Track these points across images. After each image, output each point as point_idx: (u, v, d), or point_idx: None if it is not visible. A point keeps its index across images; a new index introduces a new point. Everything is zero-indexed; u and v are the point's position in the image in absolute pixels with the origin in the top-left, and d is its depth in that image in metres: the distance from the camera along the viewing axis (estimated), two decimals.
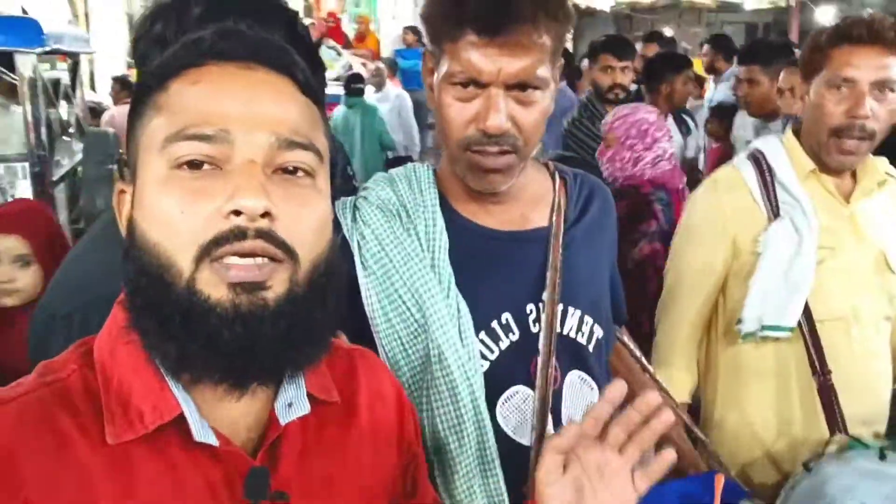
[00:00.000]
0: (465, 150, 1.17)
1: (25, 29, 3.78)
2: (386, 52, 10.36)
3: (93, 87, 7.16)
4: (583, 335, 1.29)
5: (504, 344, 1.23)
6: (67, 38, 4.26)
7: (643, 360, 1.54)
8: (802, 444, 1.75)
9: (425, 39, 1.22)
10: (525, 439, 1.22)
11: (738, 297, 1.75)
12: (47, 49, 3.72)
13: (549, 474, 0.87)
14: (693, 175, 3.76)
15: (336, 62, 8.92)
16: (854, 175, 1.78)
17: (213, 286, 0.71)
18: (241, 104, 0.75)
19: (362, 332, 1.19)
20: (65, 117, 4.33)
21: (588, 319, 1.29)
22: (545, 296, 1.24)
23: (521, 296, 1.25)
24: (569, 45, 13.04)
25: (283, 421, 0.80)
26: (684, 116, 4.37)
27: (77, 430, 0.73)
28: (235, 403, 0.77)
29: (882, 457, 1.51)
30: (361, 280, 1.21)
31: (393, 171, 1.33)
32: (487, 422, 1.19)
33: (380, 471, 0.90)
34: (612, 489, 0.87)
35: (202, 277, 0.71)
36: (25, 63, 3.61)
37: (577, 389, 1.28)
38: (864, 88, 1.62)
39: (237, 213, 0.71)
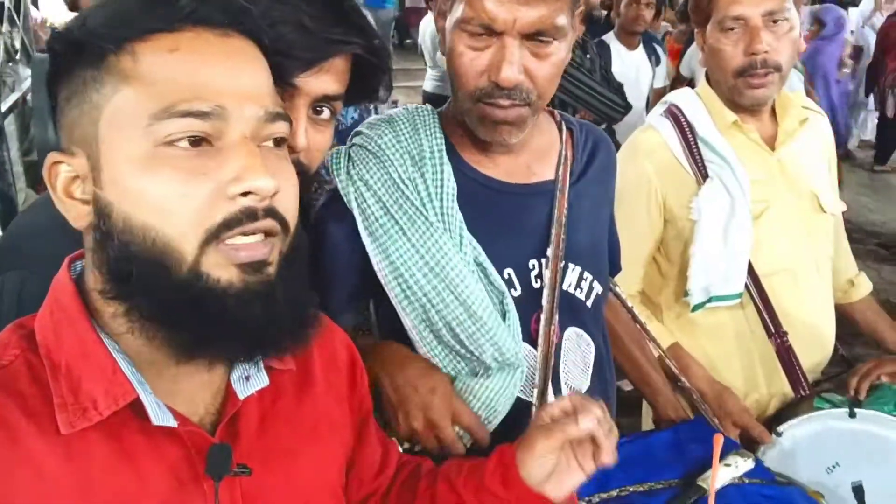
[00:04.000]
0: (477, 101, 1.12)
1: None
2: None
3: (35, 3, 6.60)
4: (581, 291, 1.27)
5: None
6: None
7: (634, 311, 1.53)
8: (769, 400, 1.75)
9: None
10: (527, 395, 1.20)
11: (681, 264, 1.71)
12: None
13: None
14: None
15: None
16: (775, 116, 1.76)
17: (222, 268, 0.69)
18: (228, 77, 0.71)
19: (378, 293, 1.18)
20: (9, 42, 4.10)
21: (587, 276, 1.27)
22: (549, 252, 1.21)
23: (524, 251, 1.22)
24: None
25: (241, 395, 0.79)
26: (654, 46, 4.30)
27: (26, 419, 0.68)
28: (192, 378, 0.76)
29: (852, 415, 1.51)
30: (369, 247, 1.16)
31: (392, 112, 1.26)
32: None
33: (336, 434, 0.91)
34: None
35: (208, 260, 0.68)
36: None
37: (574, 345, 1.26)
38: (756, 23, 1.61)
39: (245, 193, 0.68)
